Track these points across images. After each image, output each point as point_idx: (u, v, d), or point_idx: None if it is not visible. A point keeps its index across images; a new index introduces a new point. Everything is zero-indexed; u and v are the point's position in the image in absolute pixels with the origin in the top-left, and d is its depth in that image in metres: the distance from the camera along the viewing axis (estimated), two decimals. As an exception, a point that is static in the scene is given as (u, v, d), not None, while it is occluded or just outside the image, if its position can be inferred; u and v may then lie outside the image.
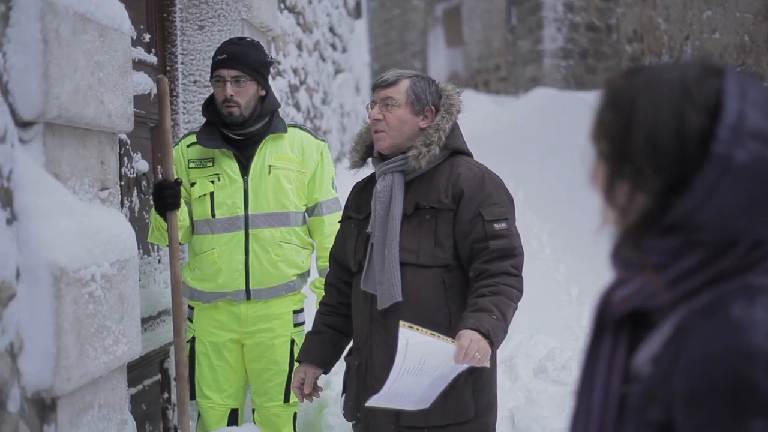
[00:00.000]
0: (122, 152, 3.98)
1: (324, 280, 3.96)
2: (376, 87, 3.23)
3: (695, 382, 1.20)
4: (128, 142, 4.09)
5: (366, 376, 3.21)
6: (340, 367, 3.57)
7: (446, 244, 3.11)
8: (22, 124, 2.48)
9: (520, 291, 3.08)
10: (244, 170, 3.89)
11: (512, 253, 3.09)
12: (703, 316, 1.24)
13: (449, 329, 2.98)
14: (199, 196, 3.89)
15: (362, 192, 3.34)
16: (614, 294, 1.37)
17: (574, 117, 10.24)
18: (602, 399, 1.35)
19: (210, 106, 3.94)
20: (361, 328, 3.24)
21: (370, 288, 3.16)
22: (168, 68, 4.72)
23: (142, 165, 4.22)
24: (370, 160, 3.32)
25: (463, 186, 3.12)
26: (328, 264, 3.89)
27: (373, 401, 2.84)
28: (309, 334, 3.45)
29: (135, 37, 4.19)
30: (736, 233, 1.26)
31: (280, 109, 4.06)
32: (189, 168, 3.93)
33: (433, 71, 19.08)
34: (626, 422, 1.31)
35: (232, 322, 3.94)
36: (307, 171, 3.97)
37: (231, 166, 3.89)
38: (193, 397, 4.01)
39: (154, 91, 4.44)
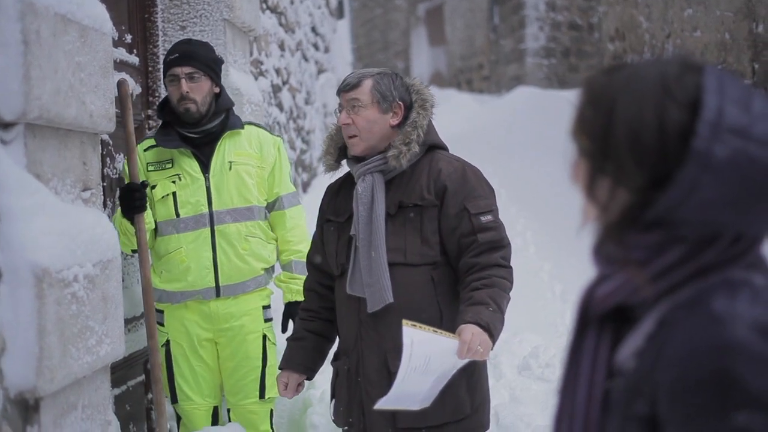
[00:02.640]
0: (104, 153, 3.97)
1: (288, 275, 4.03)
2: (340, 92, 3.20)
3: (679, 376, 1.21)
4: (110, 142, 4.08)
5: (357, 380, 3.19)
6: (324, 366, 3.56)
7: (432, 241, 3.09)
8: (3, 125, 2.48)
9: (511, 282, 3.09)
10: (205, 168, 3.92)
11: (501, 244, 3.10)
12: (685, 310, 1.25)
13: (441, 327, 2.96)
14: (162, 197, 3.90)
15: (338, 194, 3.31)
16: (597, 290, 1.38)
17: (556, 115, 10.25)
18: (586, 394, 1.36)
19: (165, 107, 3.97)
20: (348, 332, 3.21)
21: (357, 291, 3.12)
22: (150, 69, 4.71)
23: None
24: (344, 162, 3.29)
25: (446, 181, 3.10)
26: (291, 259, 4.02)
27: (381, 404, 2.79)
28: (290, 340, 3.41)
29: (116, 38, 4.17)
30: (717, 228, 1.27)
31: (262, 108, 4.06)
32: (148, 171, 3.95)
33: (416, 70, 19.09)
34: (610, 417, 1.32)
35: (204, 320, 3.96)
36: (266, 166, 4.02)
37: (191, 165, 3.91)
38: (174, 400, 4.01)
39: (137, 91, 4.44)
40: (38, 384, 2.38)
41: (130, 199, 3.69)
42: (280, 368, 3.39)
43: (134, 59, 4.49)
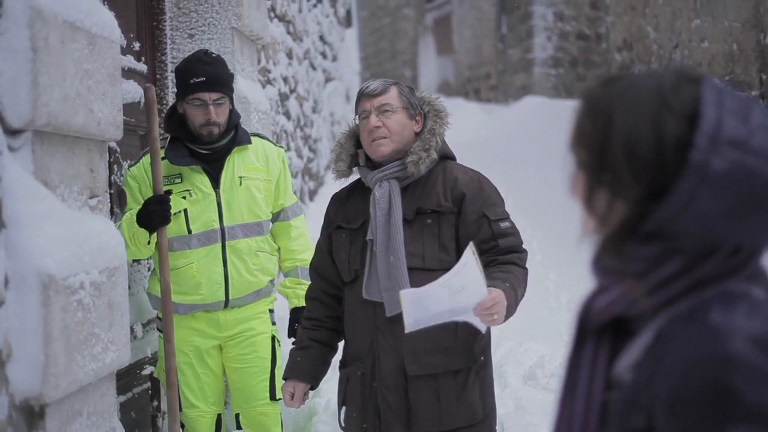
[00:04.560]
0: (112, 160, 3.98)
1: (295, 280, 4.08)
2: (364, 96, 3.22)
3: (676, 388, 1.20)
4: (118, 150, 4.09)
5: (372, 385, 3.19)
6: (329, 374, 3.56)
7: (450, 247, 3.14)
8: (11, 132, 2.49)
9: (526, 282, 3.12)
10: (215, 183, 3.92)
11: (519, 249, 3.17)
12: (683, 322, 1.25)
13: (455, 333, 3.07)
14: (174, 213, 3.87)
15: (347, 202, 3.33)
16: (595, 301, 1.38)
17: (564, 125, 10.23)
18: (584, 406, 1.36)
19: (171, 119, 3.95)
20: (362, 337, 3.21)
21: (374, 296, 3.14)
22: (158, 77, 4.72)
23: (131, 173, 4.21)
24: (356, 169, 3.31)
25: (464, 188, 3.15)
26: (296, 265, 4.07)
27: (404, 294, 2.83)
28: (295, 349, 3.41)
29: (125, 46, 4.19)
30: (715, 240, 1.27)
31: (269, 117, 4.08)
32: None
33: (423, 80, 19.11)
34: (608, 429, 1.32)
35: (212, 328, 3.97)
36: (272, 179, 4.05)
37: (202, 181, 3.91)
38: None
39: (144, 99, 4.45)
40: (43, 391, 2.38)
41: (161, 210, 3.67)
42: (284, 378, 3.39)
43: (142, 67, 4.50)
